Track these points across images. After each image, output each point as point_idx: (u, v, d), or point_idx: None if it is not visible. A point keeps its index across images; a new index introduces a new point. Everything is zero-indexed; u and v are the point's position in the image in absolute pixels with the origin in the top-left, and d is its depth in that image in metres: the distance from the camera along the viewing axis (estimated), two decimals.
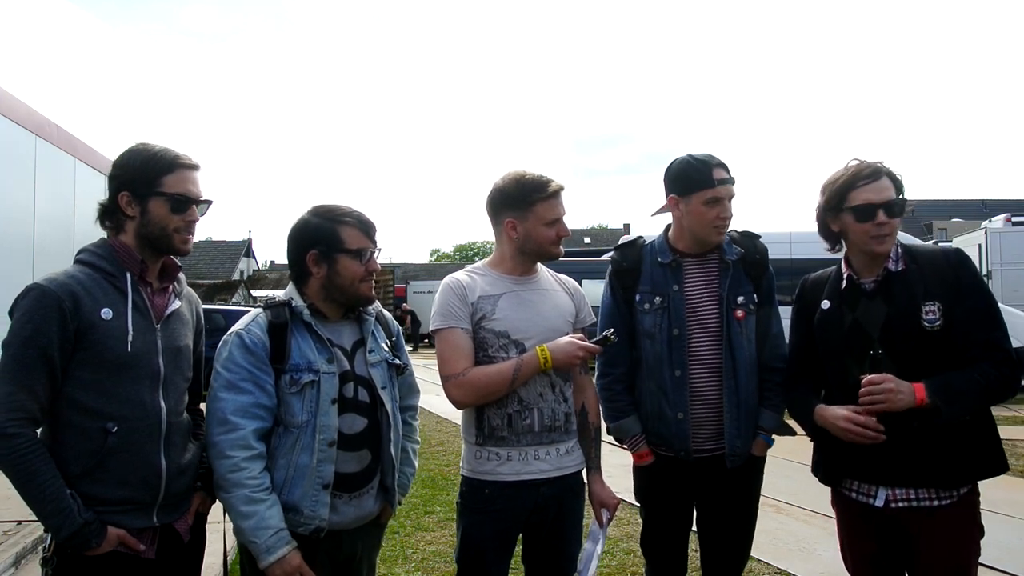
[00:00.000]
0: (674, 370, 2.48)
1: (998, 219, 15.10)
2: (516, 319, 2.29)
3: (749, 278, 2.54)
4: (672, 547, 2.66)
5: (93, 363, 1.82)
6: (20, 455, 1.74)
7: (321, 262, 2.07)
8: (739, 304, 2.49)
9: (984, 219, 17.11)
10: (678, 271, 2.54)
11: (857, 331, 2.20)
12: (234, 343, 2.01)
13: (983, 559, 2.15)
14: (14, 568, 3.92)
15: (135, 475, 1.88)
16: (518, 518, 2.30)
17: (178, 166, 1.96)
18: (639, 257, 2.61)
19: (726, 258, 2.53)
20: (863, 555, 2.27)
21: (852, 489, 2.25)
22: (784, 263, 10.44)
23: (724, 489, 2.52)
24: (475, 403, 2.27)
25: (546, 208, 2.30)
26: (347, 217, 2.09)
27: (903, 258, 2.19)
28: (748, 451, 2.52)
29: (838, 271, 2.31)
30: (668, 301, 2.51)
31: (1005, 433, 8.96)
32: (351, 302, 2.13)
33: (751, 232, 2.65)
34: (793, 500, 5.37)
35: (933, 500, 2.11)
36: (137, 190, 1.93)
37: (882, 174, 2.18)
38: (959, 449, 2.07)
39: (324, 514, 2.00)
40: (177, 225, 1.96)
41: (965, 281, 2.12)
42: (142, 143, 1.99)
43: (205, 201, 2.02)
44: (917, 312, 2.11)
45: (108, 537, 1.83)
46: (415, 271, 46.40)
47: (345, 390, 2.07)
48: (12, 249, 6.16)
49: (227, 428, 1.94)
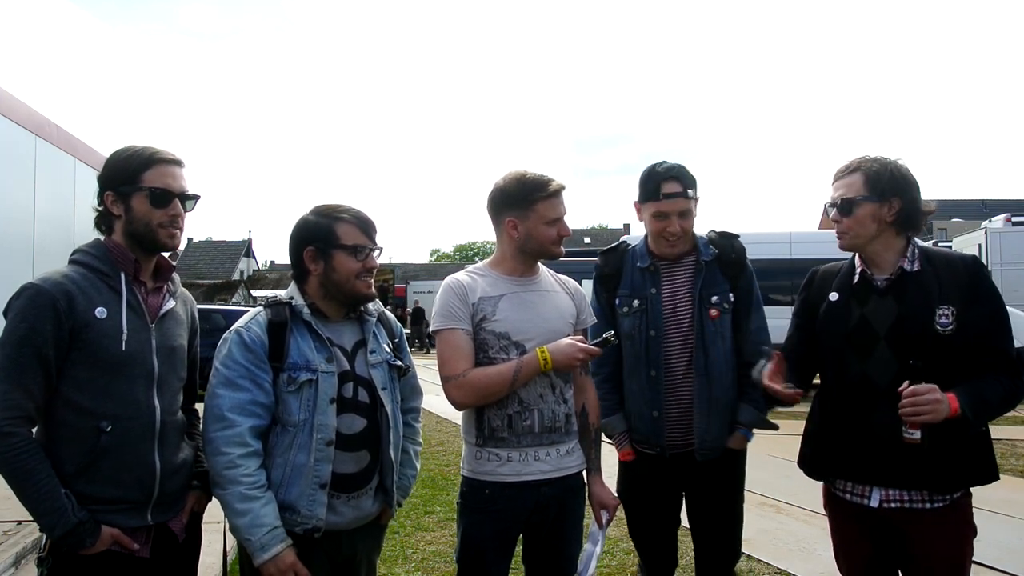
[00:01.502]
0: (650, 370, 2.60)
1: (998, 219, 15.12)
2: (517, 320, 2.29)
3: (726, 277, 2.63)
4: (660, 541, 2.77)
5: (88, 362, 1.83)
6: (15, 454, 1.74)
7: (318, 259, 2.08)
8: (713, 303, 2.59)
9: (984, 219, 17.13)
10: (656, 275, 2.66)
11: (864, 327, 2.18)
12: (233, 340, 2.02)
13: (984, 559, 2.16)
14: (14, 568, 3.92)
15: (129, 474, 1.88)
16: (518, 518, 2.30)
17: (157, 161, 1.97)
18: (621, 262, 2.74)
19: (701, 259, 2.62)
20: (858, 557, 2.27)
21: (846, 491, 2.25)
22: (784, 263, 10.52)
23: (705, 482, 2.62)
24: (475, 404, 2.28)
25: (547, 207, 2.30)
26: (344, 214, 2.10)
27: (919, 259, 2.17)
28: (722, 445, 2.61)
29: (851, 265, 2.29)
30: (646, 303, 2.63)
31: (1005, 433, 8.92)
32: (348, 299, 2.13)
33: (728, 232, 2.73)
34: (793, 500, 5.36)
35: (926, 502, 2.11)
36: (119, 188, 1.95)
37: (848, 171, 2.20)
38: (953, 455, 2.07)
39: (321, 514, 2.00)
40: (160, 220, 1.96)
41: (981, 288, 2.11)
42: (127, 145, 2.00)
43: (191, 196, 2.03)
44: (931, 315, 2.08)
45: (102, 536, 1.83)
46: (415, 271, 46.43)
47: (344, 390, 2.07)
48: (12, 249, 6.15)
49: (224, 425, 1.94)
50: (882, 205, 2.14)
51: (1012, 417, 9.24)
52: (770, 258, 10.64)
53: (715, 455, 2.59)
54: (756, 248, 13.05)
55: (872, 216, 2.15)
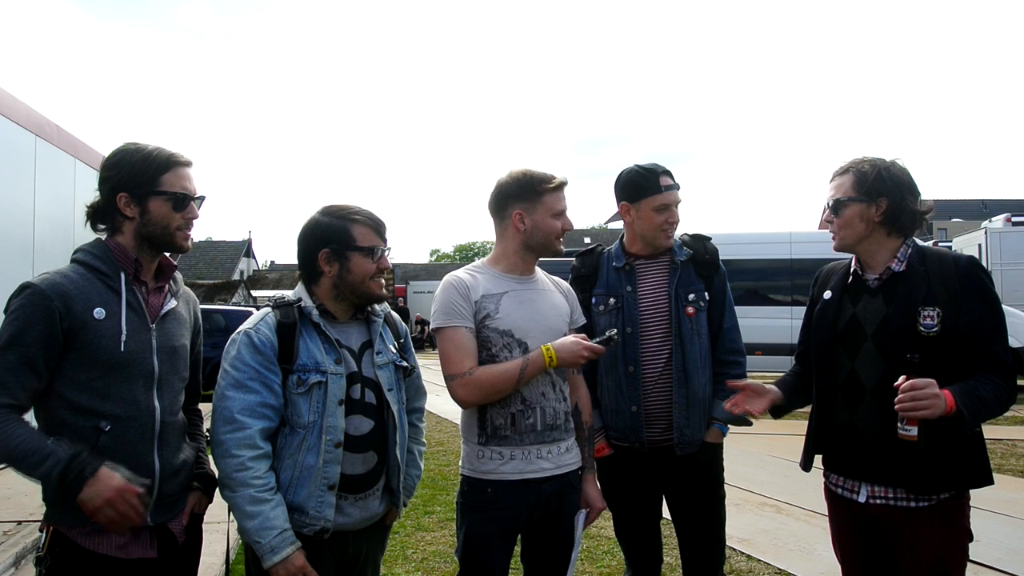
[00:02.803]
0: (627, 366, 2.66)
1: (998, 219, 15.12)
2: (519, 318, 2.31)
3: (700, 277, 2.72)
4: (642, 535, 2.83)
5: (86, 362, 1.82)
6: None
7: (333, 260, 2.07)
8: (689, 301, 2.67)
9: (984, 219, 17.13)
10: (631, 274, 2.74)
11: (854, 325, 2.22)
12: (242, 342, 2.01)
13: (984, 559, 2.15)
14: (14, 568, 3.92)
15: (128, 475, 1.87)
16: (520, 516, 2.31)
17: (174, 164, 1.97)
18: (597, 264, 2.83)
19: (676, 259, 2.71)
20: (851, 552, 2.31)
21: (838, 484, 2.29)
22: (784, 263, 10.52)
23: (684, 476, 2.67)
24: (481, 402, 2.28)
25: (554, 199, 2.36)
26: (358, 215, 2.10)
27: (909, 259, 2.19)
28: (699, 439, 2.67)
29: (848, 264, 2.33)
30: (622, 302, 2.70)
31: (1005, 433, 8.89)
32: (362, 300, 2.13)
33: (701, 235, 2.84)
34: (793, 500, 5.37)
35: (911, 501, 2.12)
36: (135, 191, 1.94)
37: (842, 172, 2.24)
38: (938, 457, 2.04)
39: (329, 515, 2.00)
40: (179, 223, 1.98)
41: (973, 290, 2.10)
42: (131, 143, 2.00)
43: (200, 197, 2.05)
44: (914, 315, 2.10)
45: (101, 474, 1.73)
46: (415, 271, 46.38)
47: (352, 391, 2.07)
48: (12, 249, 6.15)
49: (234, 427, 1.94)
50: (869, 205, 2.17)
51: (1012, 417, 9.25)
52: (770, 258, 10.63)
53: (693, 449, 2.65)
54: (756, 248, 13.14)
55: (860, 216, 2.18)
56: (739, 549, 4.39)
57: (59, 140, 7.16)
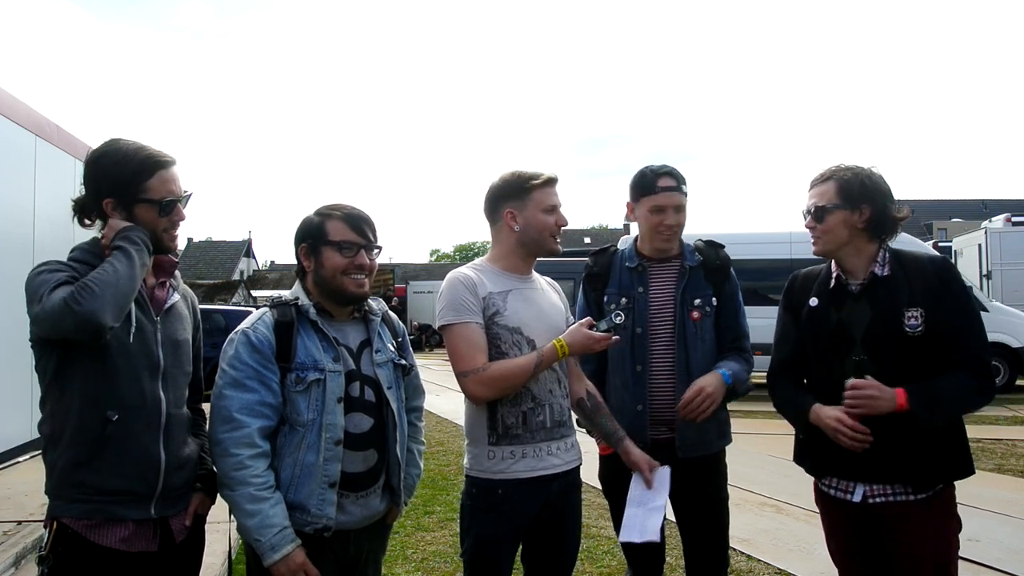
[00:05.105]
0: (635, 365, 2.65)
1: (998, 219, 15.16)
2: (526, 316, 2.33)
3: (710, 283, 2.72)
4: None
5: (96, 352, 1.84)
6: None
7: (310, 255, 2.10)
8: (695, 306, 2.68)
9: (984, 219, 17.15)
10: (643, 275, 2.74)
11: (841, 332, 2.27)
12: (240, 341, 2.02)
13: (984, 559, 2.16)
14: (14, 568, 3.93)
15: (133, 465, 1.89)
16: (530, 514, 2.31)
17: (158, 168, 1.97)
18: (609, 263, 2.83)
19: (686, 264, 2.71)
20: (846, 551, 2.34)
21: (831, 486, 2.32)
22: (784, 263, 10.52)
23: (688, 475, 2.62)
24: (495, 397, 2.28)
25: (543, 194, 2.37)
26: (336, 211, 2.11)
27: (890, 263, 2.25)
28: (702, 442, 2.65)
29: (828, 269, 2.37)
30: (633, 302, 2.70)
31: (1005, 433, 8.91)
32: (337, 297, 2.12)
33: (715, 242, 2.83)
34: (793, 500, 5.37)
35: (909, 495, 2.17)
36: (121, 198, 1.95)
37: (822, 179, 2.30)
38: (931, 451, 2.14)
39: (331, 513, 2.01)
40: (165, 226, 2.00)
41: (948, 289, 2.17)
42: (112, 141, 1.99)
43: (187, 194, 2.06)
44: (900, 317, 2.16)
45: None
46: (415, 271, 46.44)
47: (351, 389, 2.07)
48: (12, 249, 6.16)
49: (232, 426, 1.94)
50: (853, 212, 2.24)
51: (1012, 417, 9.26)
52: (770, 258, 10.64)
53: (695, 452, 2.63)
54: (756, 248, 13.17)
55: (844, 223, 2.25)
56: (739, 549, 4.38)
57: (59, 140, 7.17)
